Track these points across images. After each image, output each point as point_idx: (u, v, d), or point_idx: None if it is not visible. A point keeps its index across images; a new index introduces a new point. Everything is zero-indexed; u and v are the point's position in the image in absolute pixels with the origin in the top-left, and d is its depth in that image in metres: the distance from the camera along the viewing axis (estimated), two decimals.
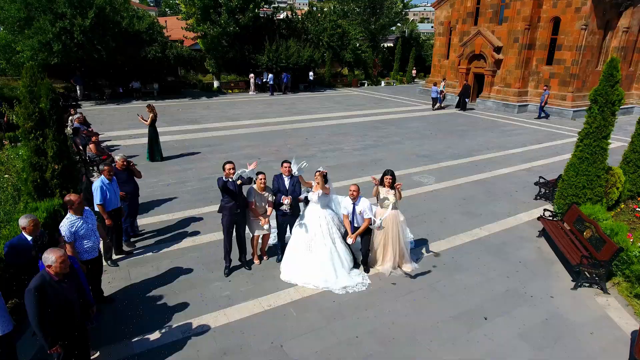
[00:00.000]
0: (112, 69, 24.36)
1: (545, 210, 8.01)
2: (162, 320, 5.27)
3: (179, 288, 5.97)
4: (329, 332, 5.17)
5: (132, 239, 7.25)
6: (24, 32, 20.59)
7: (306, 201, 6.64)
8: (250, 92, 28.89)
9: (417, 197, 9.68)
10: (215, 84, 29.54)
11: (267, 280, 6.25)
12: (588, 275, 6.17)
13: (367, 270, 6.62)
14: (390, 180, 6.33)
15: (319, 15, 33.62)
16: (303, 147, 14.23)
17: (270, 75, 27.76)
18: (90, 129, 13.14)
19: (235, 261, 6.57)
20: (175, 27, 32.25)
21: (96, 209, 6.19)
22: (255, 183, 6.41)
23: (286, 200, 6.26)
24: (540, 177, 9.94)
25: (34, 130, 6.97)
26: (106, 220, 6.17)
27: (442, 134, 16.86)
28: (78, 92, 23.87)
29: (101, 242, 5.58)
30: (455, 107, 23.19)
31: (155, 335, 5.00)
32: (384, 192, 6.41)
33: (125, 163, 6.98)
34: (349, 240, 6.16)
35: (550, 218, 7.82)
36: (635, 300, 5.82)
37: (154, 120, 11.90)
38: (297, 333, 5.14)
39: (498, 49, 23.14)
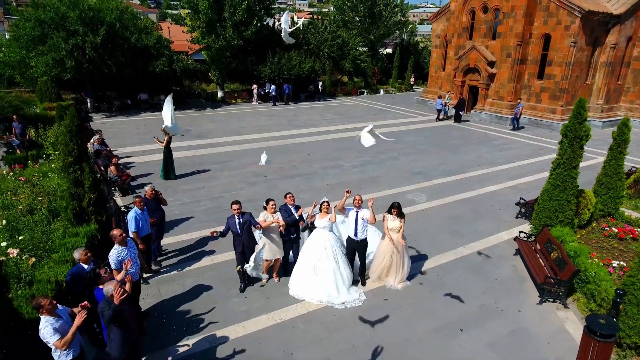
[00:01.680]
0: (120, 82, 25.38)
1: (520, 232, 9.05)
2: (192, 332, 6.32)
3: (203, 303, 7.02)
4: (330, 343, 6.21)
5: (159, 258, 8.28)
6: (37, 48, 21.58)
7: (311, 228, 7.67)
8: (253, 102, 29.94)
9: (409, 216, 10.60)
10: (219, 93, 30.54)
11: (278, 296, 7.29)
12: (551, 292, 7.20)
13: (363, 283, 7.72)
14: (397, 212, 7.44)
15: (320, 25, 34.65)
16: (305, 164, 15.26)
17: (273, 87, 28.81)
18: (108, 149, 14.20)
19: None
20: (177, 34, 33.18)
21: (130, 235, 7.23)
22: (265, 209, 7.44)
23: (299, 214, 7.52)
24: (520, 198, 10.99)
25: (73, 164, 7.96)
26: (140, 245, 7.20)
27: (436, 149, 17.89)
28: (88, 104, 24.90)
29: None
30: (454, 121, 24.12)
31: (186, 345, 6.04)
32: (391, 219, 7.49)
33: (154, 193, 8.02)
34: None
35: (525, 239, 8.86)
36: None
37: (169, 142, 12.92)
38: (304, 343, 6.18)
39: (492, 63, 24.18)
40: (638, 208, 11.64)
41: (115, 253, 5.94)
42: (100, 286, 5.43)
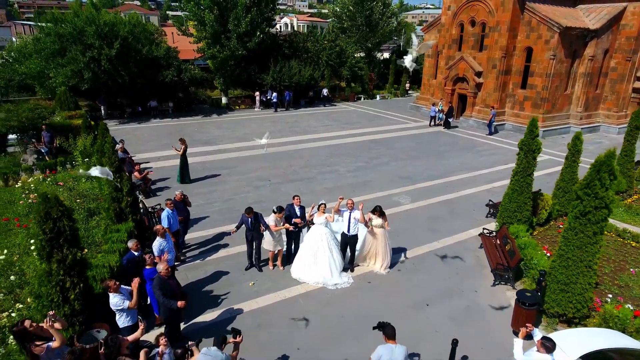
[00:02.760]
0: (132, 90, 27.08)
1: (484, 228, 10.78)
2: (215, 306, 8.05)
3: (223, 285, 8.75)
4: (324, 314, 7.94)
5: (183, 250, 10.01)
6: (56, 60, 23.28)
7: (310, 225, 9.40)
8: (255, 108, 31.65)
9: (394, 216, 12.35)
10: (224, 100, 32.26)
11: (282, 280, 9.03)
12: (502, 276, 8.92)
13: (352, 270, 9.48)
14: (379, 213, 9.21)
15: (319, 34, 36.40)
16: (305, 169, 16.97)
17: (274, 94, 30.54)
18: (130, 156, 15.90)
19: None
20: (181, 39, 34.58)
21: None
22: (275, 214, 9.19)
23: (298, 221, 9.19)
24: (490, 200, 12.72)
25: (114, 173, 9.67)
26: (172, 239, 8.92)
27: (425, 155, 19.60)
28: (102, 111, 26.62)
29: None
30: (444, 127, 25.85)
31: (212, 316, 7.77)
32: (375, 217, 9.25)
33: (182, 196, 9.75)
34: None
35: (488, 234, 10.58)
36: None
37: (185, 150, 14.63)
38: (304, 314, 7.91)
39: (479, 74, 25.91)
40: None
41: (157, 243, 7.68)
42: (147, 267, 7.18)
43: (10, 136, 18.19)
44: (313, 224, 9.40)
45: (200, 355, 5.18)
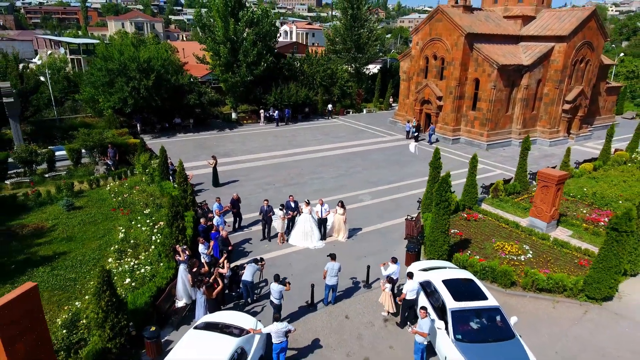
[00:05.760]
0: (161, 110, 33.50)
1: (408, 215, 17.26)
2: (245, 257, 14.51)
3: (249, 247, 15.23)
4: (307, 261, 14.41)
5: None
6: (104, 88, 29.73)
7: (300, 214, 15.90)
8: (260, 123, 38.10)
9: (357, 209, 18.84)
10: (233, 115, 38.70)
11: (284, 245, 15.51)
12: (411, 242, 15.38)
13: (324, 239, 15.94)
14: (341, 205, 15.64)
15: (314, 57, 42.92)
16: (299, 176, 23.44)
17: (277, 112, 37.03)
18: (174, 167, 22.34)
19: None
20: (190, 54, 40.58)
21: (215, 215, 15.41)
22: (281, 210, 15.65)
23: (292, 214, 15.67)
24: (419, 198, 19.21)
25: (183, 181, 16.10)
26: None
27: (390, 165, 26.07)
28: (138, 128, 33.05)
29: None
30: (414, 141, 32.35)
31: (244, 261, 14.23)
32: (338, 208, 15.72)
33: (237, 197, 16.24)
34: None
35: (410, 219, 17.05)
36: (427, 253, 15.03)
37: (215, 163, 21.09)
38: (296, 260, 14.39)
39: (440, 98, 32.41)
40: (493, 205, 19.81)
41: (216, 219, 14.19)
42: (213, 231, 13.64)
43: (82, 151, 24.56)
44: (302, 212, 15.87)
45: (248, 266, 11.69)
